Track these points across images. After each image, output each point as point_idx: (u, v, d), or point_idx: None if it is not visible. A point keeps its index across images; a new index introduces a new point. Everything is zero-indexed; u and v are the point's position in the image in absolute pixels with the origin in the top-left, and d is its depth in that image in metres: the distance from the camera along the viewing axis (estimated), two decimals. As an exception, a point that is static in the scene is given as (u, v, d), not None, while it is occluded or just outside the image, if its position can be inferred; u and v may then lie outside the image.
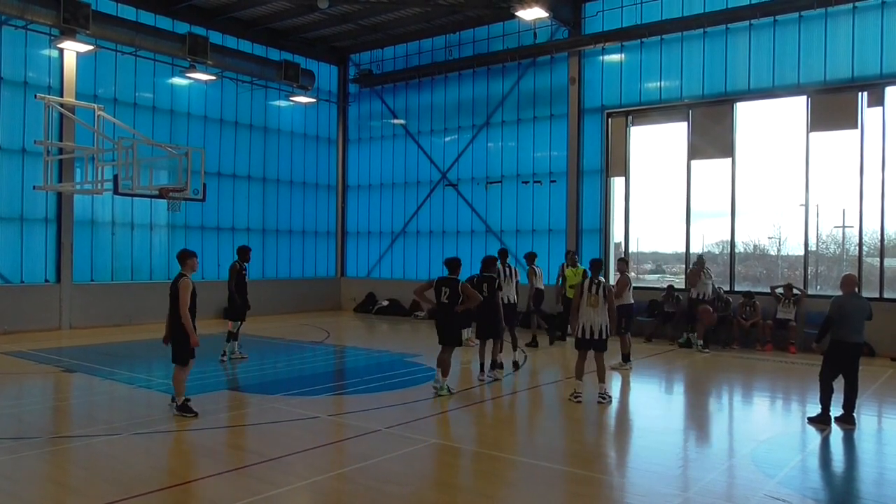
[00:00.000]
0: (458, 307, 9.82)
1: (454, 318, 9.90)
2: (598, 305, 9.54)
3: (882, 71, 14.51)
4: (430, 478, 6.59)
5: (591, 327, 9.56)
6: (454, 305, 9.81)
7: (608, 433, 8.52)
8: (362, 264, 23.45)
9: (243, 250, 12.83)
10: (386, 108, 23.00)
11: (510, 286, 12.50)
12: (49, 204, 16.78)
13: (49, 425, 8.39)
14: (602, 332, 9.58)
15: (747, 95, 16.16)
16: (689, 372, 12.56)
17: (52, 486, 6.21)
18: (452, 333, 9.98)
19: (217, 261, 19.77)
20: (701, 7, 16.47)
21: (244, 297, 12.58)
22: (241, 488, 6.00)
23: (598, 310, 9.54)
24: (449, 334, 9.95)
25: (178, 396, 8.49)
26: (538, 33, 18.89)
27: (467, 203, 20.82)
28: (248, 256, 12.78)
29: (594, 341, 9.58)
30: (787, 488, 6.19)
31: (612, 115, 18.07)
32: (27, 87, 16.27)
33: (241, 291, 12.52)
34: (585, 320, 9.59)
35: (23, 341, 14.60)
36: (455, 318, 9.92)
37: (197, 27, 18.90)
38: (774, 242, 18.00)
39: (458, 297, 9.79)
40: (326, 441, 7.66)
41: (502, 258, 12.64)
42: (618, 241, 18.35)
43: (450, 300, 9.81)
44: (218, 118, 20.29)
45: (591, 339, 9.58)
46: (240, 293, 12.49)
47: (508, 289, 12.34)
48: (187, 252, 9.04)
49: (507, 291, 12.17)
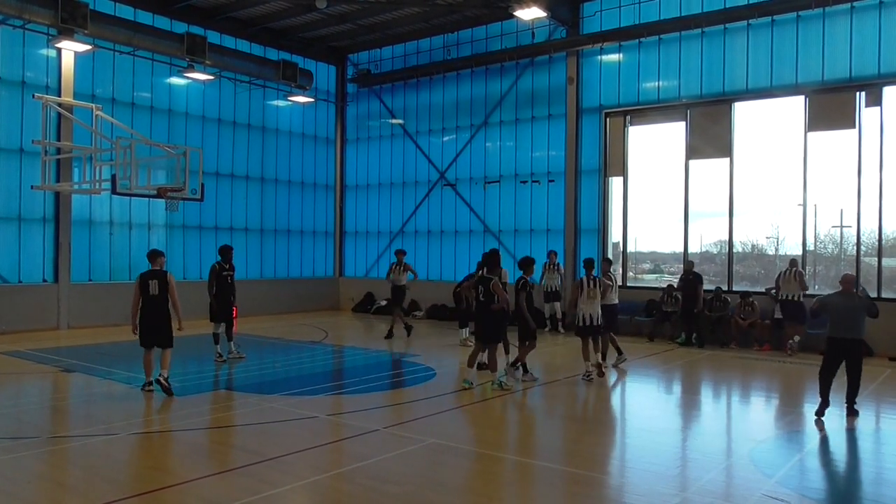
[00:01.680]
0: (494, 306, 10.06)
1: (492, 316, 10.14)
2: (596, 298, 11.02)
3: (880, 71, 14.54)
4: (429, 477, 6.58)
5: (589, 316, 10.98)
6: (490, 304, 10.06)
7: (607, 433, 8.53)
8: (360, 264, 23.43)
9: (224, 250, 12.36)
10: (384, 107, 22.99)
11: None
12: (47, 204, 16.75)
13: (47, 425, 8.38)
14: (597, 320, 11.03)
15: (745, 95, 16.18)
16: (687, 372, 12.57)
17: (51, 486, 6.20)
18: (489, 331, 10.19)
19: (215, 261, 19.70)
20: (699, 7, 16.48)
21: (226, 299, 12.11)
22: (240, 488, 6.00)
23: (596, 301, 11.01)
24: (487, 333, 10.19)
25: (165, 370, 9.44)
26: (536, 33, 18.90)
27: (466, 203, 20.83)
28: (229, 256, 12.28)
29: (592, 327, 11.02)
30: (785, 488, 6.19)
31: (610, 114, 18.08)
32: (25, 87, 16.25)
33: (222, 293, 12.06)
34: (584, 311, 10.98)
35: (21, 341, 14.58)
36: (492, 317, 10.14)
37: (195, 27, 18.88)
38: (772, 242, 18.03)
39: (494, 295, 10.03)
40: (325, 441, 7.66)
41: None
42: (616, 241, 18.37)
43: (486, 298, 10.07)
44: (216, 118, 20.27)
45: (589, 325, 10.99)
46: (222, 295, 12.05)
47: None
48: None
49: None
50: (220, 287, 12.11)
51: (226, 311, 12.18)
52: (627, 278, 18.18)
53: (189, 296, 12.66)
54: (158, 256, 9.85)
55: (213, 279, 12.15)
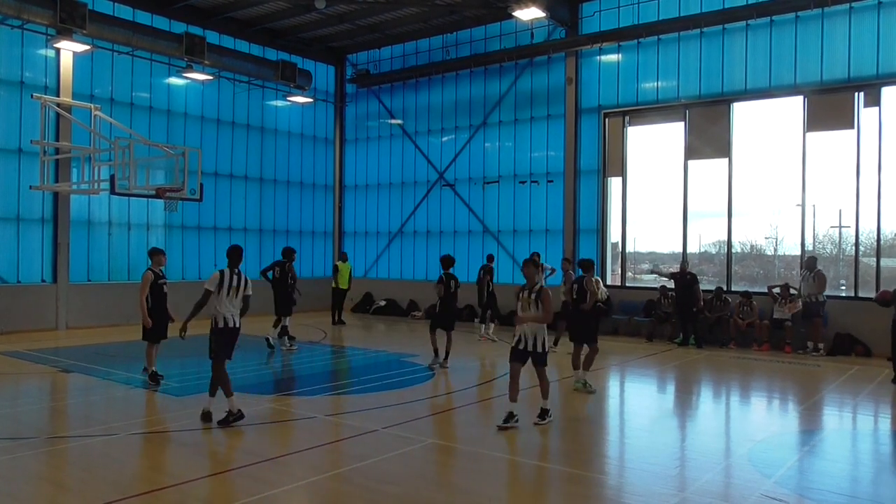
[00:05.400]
0: (584, 305, 10.20)
1: (581, 316, 10.30)
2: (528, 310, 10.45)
3: (878, 71, 14.55)
4: (428, 478, 6.58)
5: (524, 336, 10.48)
6: (581, 303, 10.23)
7: (605, 433, 8.53)
8: (359, 264, 23.42)
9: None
10: (383, 108, 22.99)
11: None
12: (45, 204, 16.74)
13: (46, 425, 8.36)
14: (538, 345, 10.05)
15: (744, 95, 16.19)
16: (685, 372, 12.58)
17: (49, 487, 6.20)
18: (580, 331, 10.36)
19: (214, 261, 19.75)
20: (698, 7, 16.50)
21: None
22: (239, 488, 5.99)
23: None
24: (577, 332, 10.39)
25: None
26: (535, 33, 18.91)
27: (465, 203, 20.83)
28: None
29: (526, 353, 9.09)
30: (783, 488, 6.20)
31: (609, 115, 18.08)
32: (24, 87, 16.24)
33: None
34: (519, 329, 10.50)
35: (19, 341, 14.56)
36: (582, 317, 10.31)
37: (194, 27, 18.87)
38: (771, 242, 18.06)
39: (585, 294, 10.17)
40: (324, 441, 7.65)
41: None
42: (615, 241, 18.38)
43: (577, 298, 10.25)
44: (215, 118, 20.27)
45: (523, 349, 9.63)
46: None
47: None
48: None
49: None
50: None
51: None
52: (627, 278, 18.19)
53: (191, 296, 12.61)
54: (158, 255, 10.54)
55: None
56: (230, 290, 8.04)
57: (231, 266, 8.18)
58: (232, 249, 8.33)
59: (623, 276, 18.05)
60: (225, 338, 8.08)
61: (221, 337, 8.06)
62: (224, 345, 8.09)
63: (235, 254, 8.28)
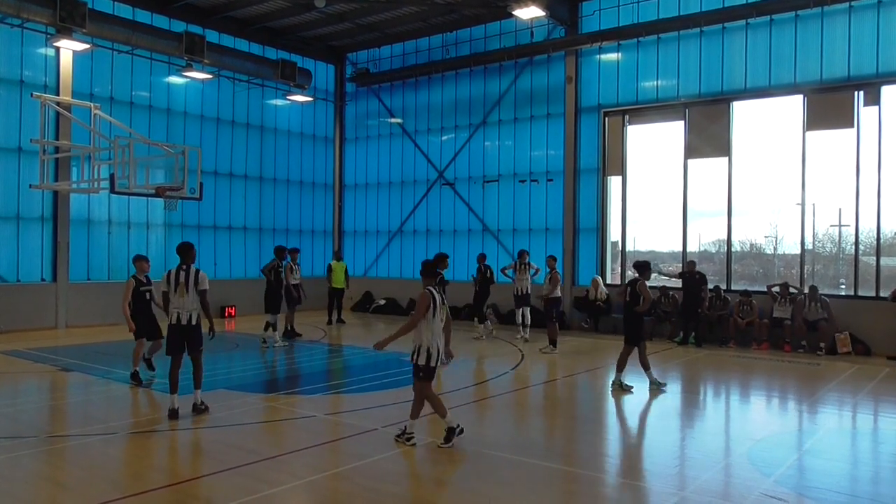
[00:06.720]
0: (638, 308, 10.26)
1: (633, 318, 10.40)
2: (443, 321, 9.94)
3: (878, 70, 14.55)
4: (427, 476, 6.58)
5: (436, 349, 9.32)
6: (634, 306, 10.29)
7: (604, 432, 8.53)
8: (359, 263, 23.42)
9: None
10: (383, 106, 22.99)
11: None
12: (45, 203, 16.73)
13: (45, 424, 8.37)
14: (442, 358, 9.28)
15: (744, 94, 16.18)
16: (685, 370, 12.58)
17: (49, 486, 6.20)
18: (630, 333, 10.50)
19: (213, 260, 19.76)
20: (697, 6, 16.48)
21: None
22: (238, 487, 5.99)
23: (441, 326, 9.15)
24: (628, 333, 10.53)
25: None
26: (535, 32, 18.89)
27: (464, 202, 20.82)
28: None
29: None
30: (783, 487, 6.20)
31: (608, 113, 18.08)
32: (23, 86, 16.23)
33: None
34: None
35: (19, 340, 14.56)
36: (633, 319, 10.41)
37: (193, 26, 18.86)
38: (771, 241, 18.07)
39: (638, 297, 10.23)
40: (323, 440, 7.65)
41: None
42: (615, 240, 18.38)
43: (630, 299, 10.32)
44: (215, 117, 20.26)
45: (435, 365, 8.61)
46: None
47: None
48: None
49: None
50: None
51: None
52: (626, 277, 18.16)
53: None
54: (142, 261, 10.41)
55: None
56: (177, 286, 8.32)
57: (180, 263, 8.44)
58: (179, 246, 8.58)
59: (623, 274, 18.03)
60: (172, 335, 8.44)
61: (169, 334, 8.48)
62: (170, 341, 8.48)
63: (182, 250, 8.53)
